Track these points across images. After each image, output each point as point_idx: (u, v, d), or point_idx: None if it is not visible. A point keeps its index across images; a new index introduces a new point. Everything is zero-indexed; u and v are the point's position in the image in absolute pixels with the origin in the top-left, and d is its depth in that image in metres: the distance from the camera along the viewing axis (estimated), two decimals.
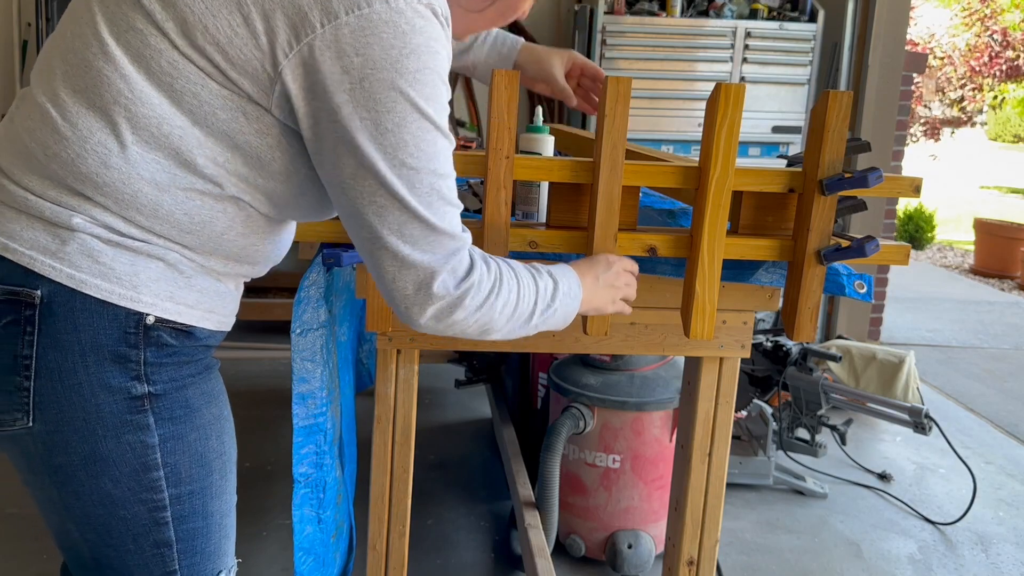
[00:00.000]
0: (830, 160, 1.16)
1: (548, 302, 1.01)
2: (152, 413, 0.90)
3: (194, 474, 0.94)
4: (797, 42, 3.90)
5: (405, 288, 0.89)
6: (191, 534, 0.95)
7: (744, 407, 2.77)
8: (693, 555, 1.50)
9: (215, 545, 0.99)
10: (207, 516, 0.97)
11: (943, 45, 14.91)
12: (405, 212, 0.86)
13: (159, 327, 0.89)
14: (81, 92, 0.83)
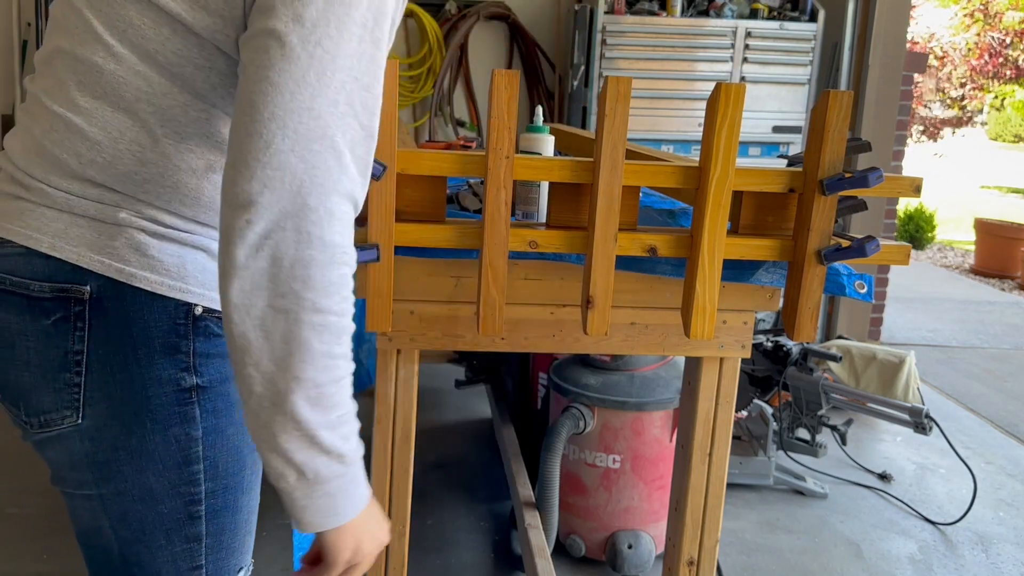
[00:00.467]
0: (830, 160, 1.16)
1: (337, 402, 0.80)
2: (199, 405, 0.89)
3: (230, 468, 0.94)
4: (797, 42, 3.90)
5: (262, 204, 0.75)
6: (220, 529, 0.95)
7: (744, 407, 2.77)
8: (693, 555, 1.50)
9: (240, 541, 0.99)
10: (236, 511, 0.97)
11: (943, 44, 14.91)
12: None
13: (207, 317, 0.88)
14: (102, 97, 0.83)
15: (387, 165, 1.11)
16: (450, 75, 4.36)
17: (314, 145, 0.72)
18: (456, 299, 1.34)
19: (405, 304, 1.33)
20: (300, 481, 0.79)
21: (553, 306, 1.37)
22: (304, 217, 0.72)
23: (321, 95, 0.73)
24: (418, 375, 1.39)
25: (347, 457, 0.81)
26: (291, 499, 0.80)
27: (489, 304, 1.17)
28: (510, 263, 1.32)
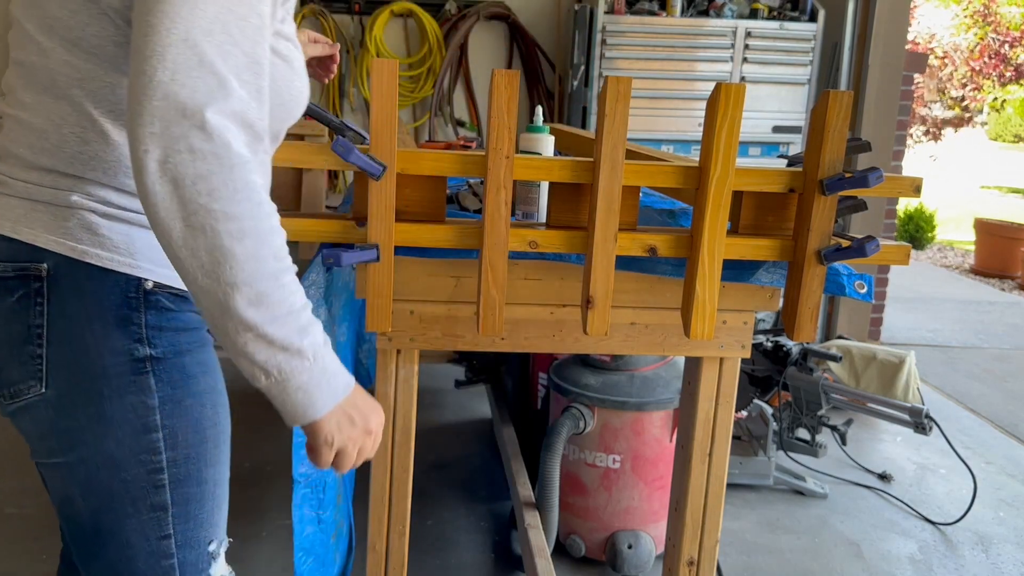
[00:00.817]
0: (830, 160, 1.16)
1: (300, 327, 0.85)
2: (153, 375, 0.95)
3: (190, 439, 0.99)
4: (797, 42, 3.90)
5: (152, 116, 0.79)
6: (186, 499, 1.00)
7: (744, 407, 2.77)
8: (693, 555, 1.50)
9: (208, 513, 1.03)
10: (201, 483, 1.01)
11: (944, 45, 14.91)
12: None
13: (158, 292, 0.94)
14: (42, 91, 0.90)
15: (387, 165, 1.11)
16: (450, 75, 4.36)
17: (193, 72, 0.77)
18: (456, 299, 1.34)
19: (405, 304, 1.33)
20: (270, 380, 0.85)
21: (553, 306, 1.37)
22: (193, 136, 0.77)
23: (195, 27, 0.77)
24: (418, 375, 1.39)
25: (305, 351, 0.85)
26: (271, 399, 0.87)
27: (489, 304, 1.17)
28: (510, 263, 1.32)
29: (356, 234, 1.18)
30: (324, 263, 1.10)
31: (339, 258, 1.10)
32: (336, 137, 1.12)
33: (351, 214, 1.22)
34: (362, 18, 4.30)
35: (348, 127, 1.19)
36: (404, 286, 1.32)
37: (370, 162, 1.10)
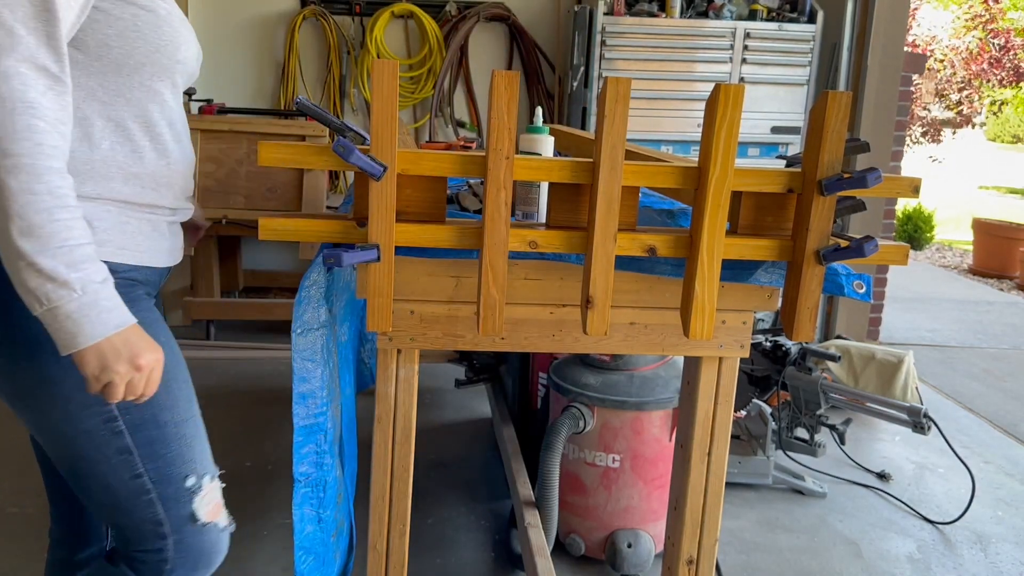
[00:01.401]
0: (829, 160, 1.17)
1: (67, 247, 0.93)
2: None
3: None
4: (796, 43, 3.91)
5: None
6: (148, 441, 1.11)
7: (743, 407, 2.78)
8: (692, 554, 1.51)
9: (175, 452, 1.14)
10: (160, 425, 1.12)
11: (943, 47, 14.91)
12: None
13: None
14: None
15: (388, 166, 1.12)
16: (450, 76, 4.37)
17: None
18: (456, 299, 1.35)
19: (405, 304, 1.34)
20: (43, 308, 0.93)
21: (553, 306, 1.37)
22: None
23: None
24: (418, 375, 1.40)
25: (73, 283, 0.93)
26: (45, 326, 0.95)
27: (489, 304, 1.18)
28: (510, 263, 1.32)
29: (357, 234, 1.18)
30: (325, 263, 1.11)
31: (340, 258, 1.10)
32: (337, 138, 1.13)
33: (352, 214, 1.23)
34: (363, 19, 4.31)
35: (348, 128, 1.19)
36: (404, 286, 1.32)
37: (371, 163, 1.10)
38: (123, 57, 1.07)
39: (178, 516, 1.15)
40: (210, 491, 1.19)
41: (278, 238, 1.17)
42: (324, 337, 1.38)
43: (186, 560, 1.17)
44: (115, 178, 1.10)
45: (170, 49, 1.11)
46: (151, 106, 1.13)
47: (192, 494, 1.16)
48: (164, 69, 1.12)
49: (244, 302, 3.94)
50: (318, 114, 1.21)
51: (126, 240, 1.12)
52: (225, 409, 3.14)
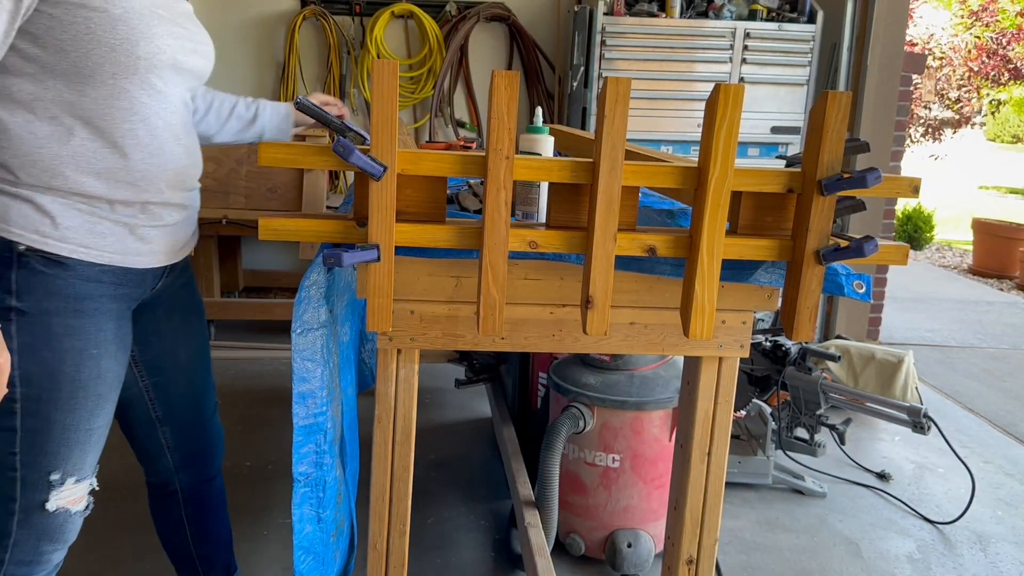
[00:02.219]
0: (829, 160, 1.17)
1: None
2: (15, 324, 1.17)
3: (44, 384, 1.20)
4: (796, 43, 3.91)
5: None
6: (33, 430, 1.22)
7: (743, 406, 2.78)
8: (692, 554, 1.51)
9: (54, 448, 1.24)
10: (50, 423, 1.22)
11: (942, 45, 14.91)
12: None
13: (30, 255, 1.16)
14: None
15: (388, 166, 1.12)
16: (450, 76, 4.37)
17: None
18: (456, 299, 1.35)
19: (405, 304, 1.34)
20: None
21: (553, 306, 1.37)
22: None
23: None
24: (418, 375, 1.40)
25: None
26: None
27: (489, 304, 1.18)
28: (510, 263, 1.32)
29: (357, 234, 1.18)
30: (325, 263, 1.11)
31: (340, 258, 1.10)
32: (337, 138, 1.13)
33: (352, 214, 1.23)
34: (363, 19, 4.31)
35: (349, 128, 1.20)
36: (404, 286, 1.32)
37: (371, 163, 1.10)
38: (81, 59, 1.13)
39: (30, 499, 1.26)
40: (72, 490, 1.28)
41: (278, 238, 1.17)
42: (324, 337, 1.38)
43: (28, 536, 1.29)
44: (86, 173, 1.17)
45: (127, 46, 1.15)
46: (118, 103, 1.18)
47: (51, 487, 1.26)
48: (125, 67, 1.16)
49: (244, 302, 3.95)
50: (318, 114, 1.21)
51: (93, 240, 1.20)
52: (225, 409, 3.14)
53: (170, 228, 1.33)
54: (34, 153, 1.15)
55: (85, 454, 1.29)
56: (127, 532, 2.29)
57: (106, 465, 2.79)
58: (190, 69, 1.31)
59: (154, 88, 1.23)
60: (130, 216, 1.24)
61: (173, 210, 1.32)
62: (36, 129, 1.15)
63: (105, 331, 1.25)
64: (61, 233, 1.17)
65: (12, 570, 1.30)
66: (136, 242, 1.26)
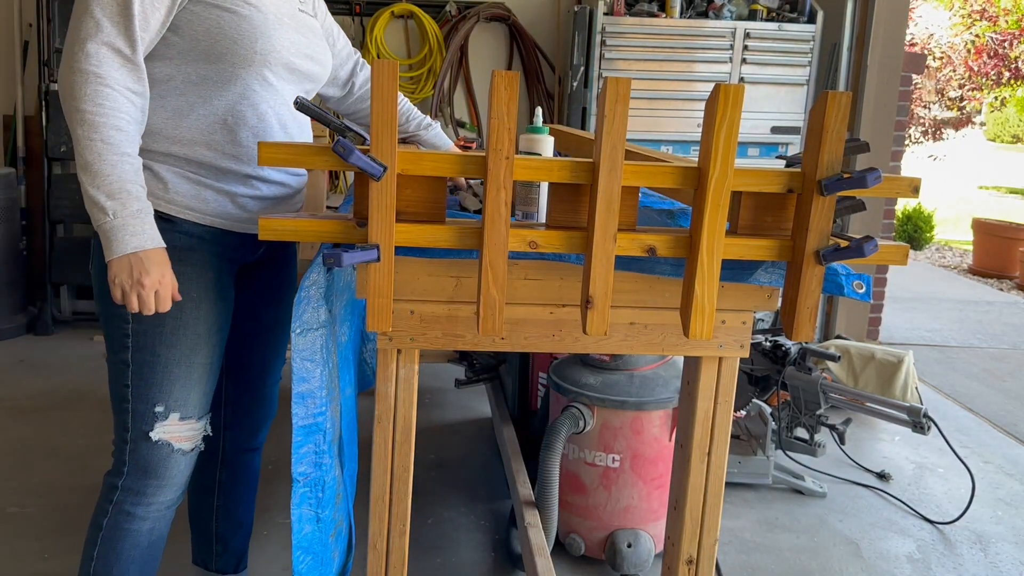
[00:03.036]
0: (829, 160, 1.17)
1: (100, 167, 1.24)
2: None
3: (151, 321, 1.38)
4: (796, 43, 3.91)
5: (69, 51, 1.28)
6: (140, 363, 1.40)
7: (743, 406, 2.78)
8: (692, 554, 1.51)
9: (158, 380, 1.40)
10: (155, 356, 1.40)
11: (942, 45, 14.90)
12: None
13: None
14: None
15: (388, 166, 1.12)
16: (450, 76, 4.36)
17: (83, 17, 1.26)
18: (456, 299, 1.35)
19: (405, 304, 1.34)
20: (96, 224, 1.25)
21: (553, 306, 1.37)
22: (69, 60, 1.26)
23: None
24: (418, 375, 1.40)
25: (107, 209, 1.23)
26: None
27: (489, 304, 1.18)
28: (510, 263, 1.32)
29: (357, 234, 1.18)
30: (325, 263, 1.11)
31: (340, 258, 1.10)
32: (337, 138, 1.13)
33: (352, 214, 1.23)
34: (363, 19, 4.31)
35: (349, 128, 1.20)
36: (404, 286, 1.32)
37: (371, 163, 1.10)
38: (209, 48, 1.35)
39: (139, 429, 1.42)
40: (176, 426, 1.43)
41: (278, 238, 1.17)
42: (323, 337, 1.38)
43: (137, 465, 1.44)
44: (199, 143, 1.39)
45: (247, 42, 1.37)
46: (234, 88, 1.39)
47: (156, 418, 1.41)
48: (243, 59, 1.37)
49: None
50: (318, 114, 1.21)
51: (197, 204, 1.40)
52: None
53: (269, 201, 1.50)
54: (161, 124, 1.37)
55: (187, 391, 1.43)
56: None
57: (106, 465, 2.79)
58: (303, 71, 1.50)
59: (266, 80, 1.42)
60: (232, 186, 1.43)
61: (272, 186, 1.49)
62: (166, 104, 1.37)
63: (205, 279, 1.43)
64: (171, 196, 1.38)
65: (122, 497, 1.46)
66: (236, 210, 1.44)
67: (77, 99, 1.23)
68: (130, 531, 1.47)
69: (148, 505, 1.46)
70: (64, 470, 2.65)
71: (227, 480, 1.78)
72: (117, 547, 1.47)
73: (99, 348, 3.94)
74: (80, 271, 4.17)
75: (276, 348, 1.74)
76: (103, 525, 1.47)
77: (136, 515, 1.46)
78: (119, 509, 1.46)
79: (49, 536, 2.27)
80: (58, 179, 4.15)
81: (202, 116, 1.39)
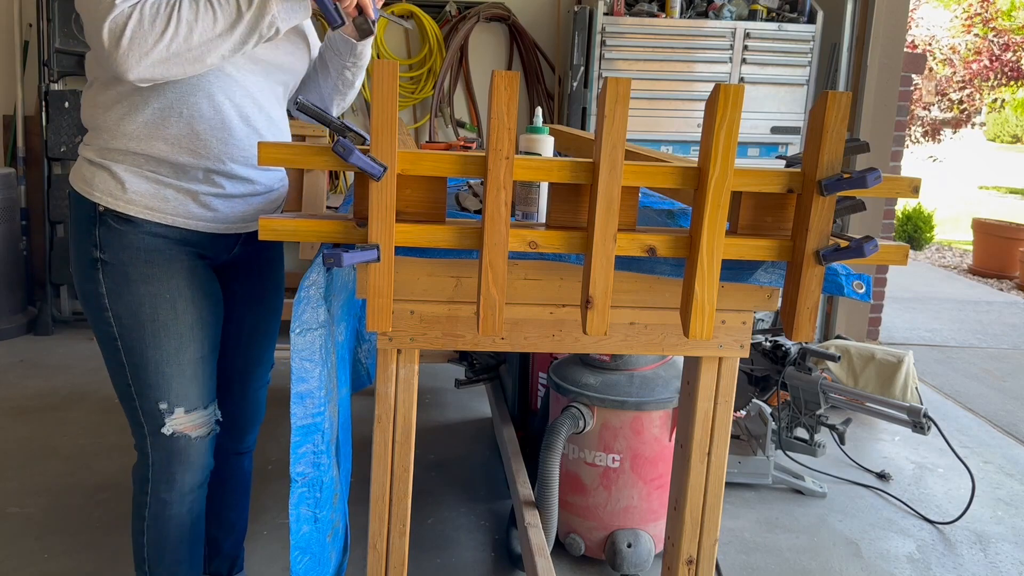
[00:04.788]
0: (829, 160, 1.17)
1: (238, 11, 1.27)
2: (102, 272, 1.40)
3: (131, 324, 1.42)
4: (796, 43, 3.90)
5: (100, 46, 1.25)
6: (134, 364, 1.44)
7: (743, 406, 2.78)
8: (692, 554, 1.51)
9: (153, 380, 1.44)
10: (144, 358, 1.43)
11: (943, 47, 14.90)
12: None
13: (107, 214, 1.39)
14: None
15: (388, 166, 1.12)
16: (450, 76, 4.36)
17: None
18: (456, 299, 1.35)
19: (405, 304, 1.34)
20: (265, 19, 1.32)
21: (553, 306, 1.37)
22: (114, 37, 1.26)
23: None
24: (418, 374, 1.40)
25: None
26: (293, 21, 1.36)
27: (489, 304, 1.18)
28: (510, 263, 1.32)
29: (357, 234, 1.18)
30: (325, 263, 1.11)
31: (340, 258, 1.10)
32: (337, 138, 1.13)
33: (352, 214, 1.23)
34: None
35: (349, 128, 1.19)
36: (404, 286, 1.32)
37: (371, 163, 1.10)
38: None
39: (152, 425, 1.47)
40: (183, 418, 1.47)
41: (278, 238, 1.17)
42: (323, 337, 1.38)
43: (160, 457, 1.50)
44: (156, 138, 1.37)
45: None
46: (188, 80, 1.36)
47: (163, 414, 1.46)
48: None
49: None
50: (318, 114, 1.21)
51: (157, 203, 1.39)
52: None
53: (236, 200, 1.46)
54: (116, 120, 1.37)
55: (184, 386, 1.46)
56: (127, 532, 2.29)
57: (106, 465, 2.80)
58: (268, 60, 1.46)
59: (222, 71, 1.39)
60: (193, 183, 1.41)
61: (237, 183, 1.46)
62: (121, 100, 1.37)
63: (176, 278, 1.42)
64: (129, 196, 1.38)
65: (154, 487, 1.52)
66: (199, 208, 1.42)
67: (167, 30, 1.24)
68: (171, 516, 1.54)
69: (181, 489, 1.53)
70: (64, 470, 2.65)
71: (214, 483, 1.75)
72: (164, 532, 1.55)
73: (99, 348, 3.94)
74: None
75: (261, 350, 1.72)
76: (145, 516, 1.54)
77: (172, 501, 1.53)
78: (155, 498, 1.53)
79: (49, 536, 2.27)
80: (58, 179, 4.14)
81: (157, 110, 1.36)
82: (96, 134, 1.40)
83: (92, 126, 1.41)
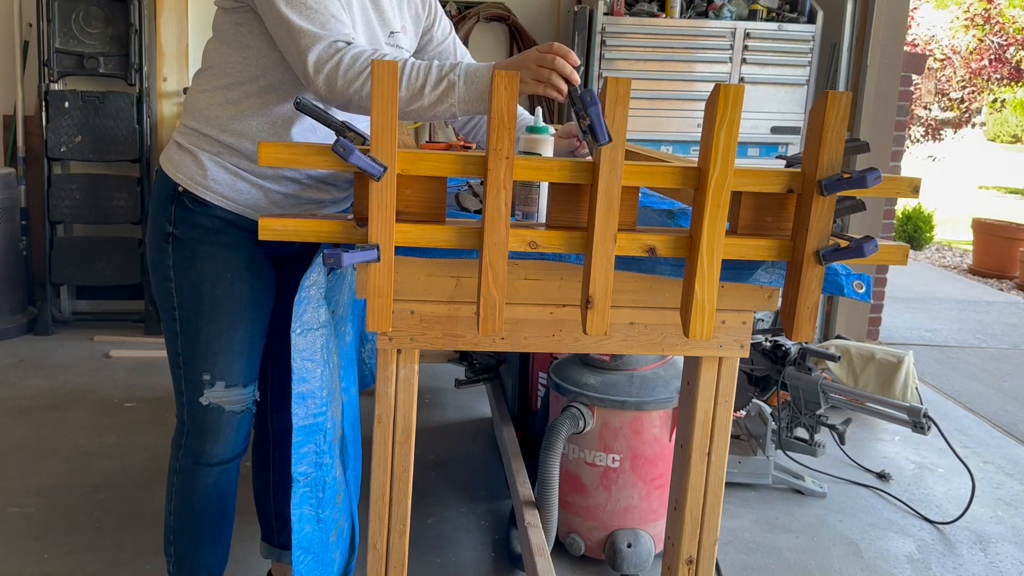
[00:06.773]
0: (829, 160, 1.17)
1: (439, 78, 1.30)
2: (171, 246, 1.51)
3: (191, 296, 1.51)
4: (796, 43, 3.91)
5: (300, 68, 1.33)
6: (187, 334, 1.53)
7: (743, 406, 2.78)
8: (692, 554, 1.51)
9: (203, 351, 1.53)
10: (198, 329, 1.52)
11: (943, 47, 14.90)
12: (280, 19, 1.34)
13: (183, 195, 1.50)
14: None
15: (388, 166, 1.12)
16: None
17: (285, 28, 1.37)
18: (456, 299, 1.35)
19: (405, 304, 1.34)
20: (456, 93, 1.33)
21: (553, 306, 1.37)
22: (315, 74, 1.35)
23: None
24: (418, 374, 1.40)
25: (454, 85, 1.32)
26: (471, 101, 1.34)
27: (489, 304, 1.18)
28: (510, 263, 1.32)
29: (357, 234, 1.18)
30: (325, 263, 1.11)
31: (340, 258, 1.10)
32: (337, 138, 1.13)
33: (352, 214, 1.23)
34: None
35: (349, 128, 1.20)
36: (404, 286, 1.32)
37: (371, 163, 1.10)
38: (271, 48, 1.44)
39: (192, 394, 1.56)
40: (222, 391, 1.55)
41: (278, 238, 1.17)
42: (324, 337, 1.38)
43: (194, 425, 1.58)
44: (247, 138, 1.46)
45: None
46: (285, 87, 1.46)
47: (204, 385, 1.54)
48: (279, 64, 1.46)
49: None
50: (319, 114, 1.21)
51: (232, 193, 1.48)
52: None
53: (304, 202, 1.54)
54: (221, 113, 1.46)
55: (230, 361, 1.54)
56: (127, 532, 2.29)
57: (106, 465, 2.80)
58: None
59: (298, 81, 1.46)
60: (267, 181, 1.49)
61: (311, 189, 1.53)
62: (238, 102, 1.46)
63: (238, 261, 1.52)
64: (208, 183, 1.48)
65: (186, 454, 1.61)
66: (268, 204, 1.50)
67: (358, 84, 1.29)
68: (198, 485, 1.62)
69: (210, 460, 1.60)
70: (64, 470, 2.65)
71: (280, 459, 1.86)
72: (191, 498, 1.63)
73: (99, 348, 3.94)
74: (80, 271, 4.17)
75: None
76: (175, 482, 1.64)
77: (200, 470, 1.61)
78: (185, 465, 1.61)
79: (49, 536, 2.27)
80: (58, 179, 4.14)
81: (266, 119, 1.46)
82: (195, 119, 1.49)
83: (195, 112, 1.49)
